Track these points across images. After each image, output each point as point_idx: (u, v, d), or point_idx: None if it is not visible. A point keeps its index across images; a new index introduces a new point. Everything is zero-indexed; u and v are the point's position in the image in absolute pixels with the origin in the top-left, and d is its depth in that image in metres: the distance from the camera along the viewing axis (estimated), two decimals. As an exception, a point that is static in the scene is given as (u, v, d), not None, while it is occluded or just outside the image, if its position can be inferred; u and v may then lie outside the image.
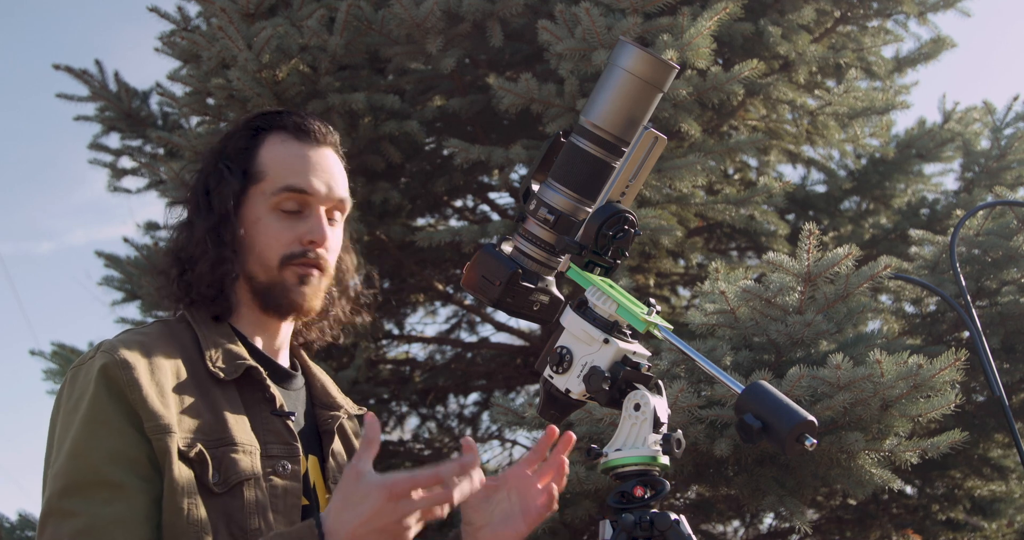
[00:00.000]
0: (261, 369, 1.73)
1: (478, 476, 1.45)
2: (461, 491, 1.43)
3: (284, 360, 1.87)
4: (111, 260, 4.61)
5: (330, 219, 1.82)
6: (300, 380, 1.87)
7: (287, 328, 1.86)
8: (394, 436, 5.34)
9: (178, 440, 1.59)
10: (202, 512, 1.57)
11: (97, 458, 1.56)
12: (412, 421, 5.38)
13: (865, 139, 4.75)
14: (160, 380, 1.63)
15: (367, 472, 1.43)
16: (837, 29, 4.56)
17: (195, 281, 1.78)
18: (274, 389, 1.73)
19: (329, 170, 1.82)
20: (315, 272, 1.78)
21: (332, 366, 4.33)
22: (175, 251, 1.82)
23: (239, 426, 1.66)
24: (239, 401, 1.70)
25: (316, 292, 1.80)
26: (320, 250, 1.78)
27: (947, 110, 4.75)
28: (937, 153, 4.62)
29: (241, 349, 1.75)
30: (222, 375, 1.69)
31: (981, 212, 3.51)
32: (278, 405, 1.72)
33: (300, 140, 1.82)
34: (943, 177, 4.85)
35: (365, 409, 2.00)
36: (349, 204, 1.86)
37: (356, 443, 1.94)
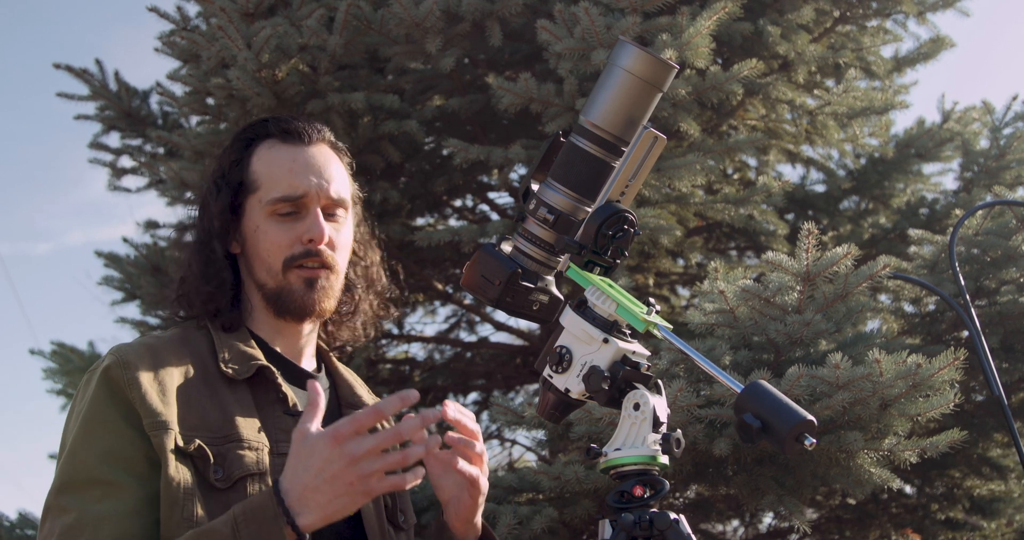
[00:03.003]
0: (274, 369, 1.74)
1: (429, 439, 1.46)
2: (412, 452, 1.44)
3: (307, 363, 1.87)
4: (111, 260, 4.62)
5: (331, 215, 1.81)
6: (324, 382, 1.87)
7: (308, 330, 1.86)
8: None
9: (176, 436, 1.60)
10: (199, 508, 1.58)
11: (91, 457, 1.59)
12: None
13: (864, 139, 4.75)
14: (164, 380, 1.65)
15: (311, 430, 1.46)
16: (836, 29, 4.56)
17: (192, 298, 1.81)
18: (286, 388, 1.73)
19: (320, 168, 1.81)
20: (321, 273, 1.78)
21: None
22: (179, 272, 1.86)
23: (248, 425, 1.67)
24: (251, 401, 1.70)
25: (326, 293, 1.79)
26: (322, 247, 1.77)
27: (946, 110, 4.75)
28: (936, 153, 4.62)
29: (256, 351, 1.75)
30: (234, 374, 1.70)
31: (980, 212, 3.51)
32: (290, 404, 1.72)
33: (289, 143, 1.82)
34: (942, 177, 4.86)
35: None
36: (350, 202, 1.86)
37: None
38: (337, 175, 1.84)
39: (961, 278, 2.78)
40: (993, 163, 4.44)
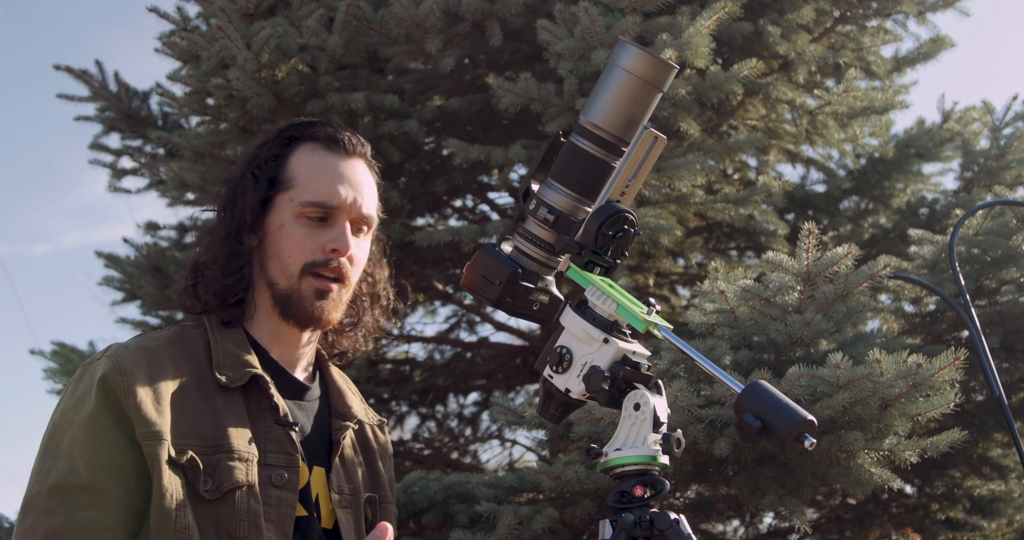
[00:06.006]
0: (267, 378, 1.74)
1: None
2: None
3: (302, 371, 1.88)
4: (111, 260, 4.62)
5: (357, 230, 1.84)
6: (316, 392, 1.88)
7: (308, 338, 1.87)
8: (394, 436, 5.35)
9: (169, 447, 1.61)
10: (190, 519, 1.59)
11: (86, 463, 1.59)
12: (412, 421, 5.38)
13: (864, 139, 4.75)
14: (159, 387, 1.65)
15: None
16: (836, 29, 4.56)
17: (205, 289, 1.80)
18: (278, 398, 1.74)
19: (357, 182, 1.84)
20: (334, 286, 1.80)
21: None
22: (194, 259, 1.86)
23: (239, 434, 1.68)
24: (243, 409, 1.71)
25: (335, 305, 1.81)
26: (343, 259, 1.80)
27: (946, 110, 4.75)
28: (936, 153, 4.62)
29: (252, 358, 1.76)
30: (227, 382, 1.71)
31: (980, 211, 3.51)
32: (281, 414, 1.73)
33: (331, 150, 1.85)
34: (942, 177, 4.86)
35: (383, 419, 2.04)
36: (376, 220, 1.89)
37: (377, 452, 1.96)
38: (369, 193, 1.87)
39: (961, 278, 2.78)
40: (993, 163, 4.44)
